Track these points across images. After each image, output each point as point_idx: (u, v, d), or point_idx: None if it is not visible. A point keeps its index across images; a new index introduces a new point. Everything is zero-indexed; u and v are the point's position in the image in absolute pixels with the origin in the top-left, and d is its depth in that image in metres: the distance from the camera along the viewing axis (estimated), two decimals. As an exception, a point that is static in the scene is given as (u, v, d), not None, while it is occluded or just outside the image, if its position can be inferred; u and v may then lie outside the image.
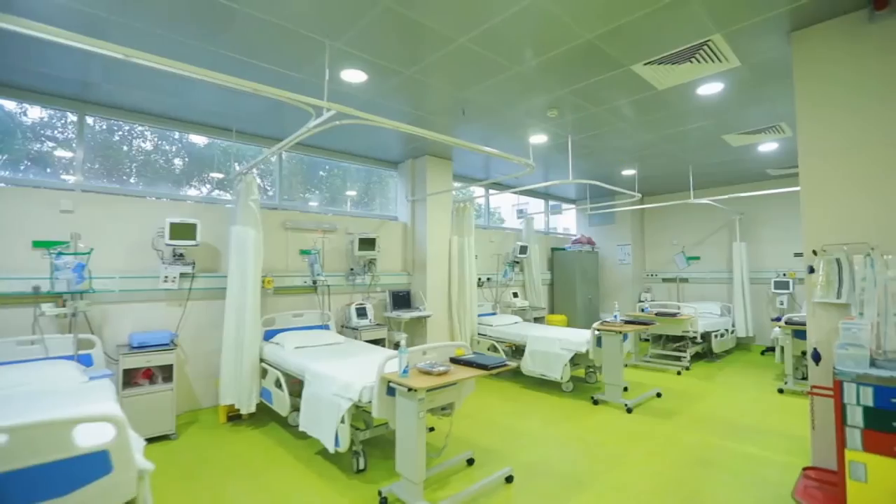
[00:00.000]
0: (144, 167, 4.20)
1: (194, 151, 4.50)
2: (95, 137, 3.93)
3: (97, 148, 3.95)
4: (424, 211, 5.58)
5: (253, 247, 3.85)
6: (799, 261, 6.80)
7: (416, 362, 2.75)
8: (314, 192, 5.40)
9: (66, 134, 3.83)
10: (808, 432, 3.35)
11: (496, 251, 6.85)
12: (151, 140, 4.24)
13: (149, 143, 4.24)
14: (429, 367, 2.61)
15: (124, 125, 4.07)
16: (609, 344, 4.37)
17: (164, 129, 4.25)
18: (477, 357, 2.88)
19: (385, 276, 5.51)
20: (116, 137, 4.06)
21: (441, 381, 2.48)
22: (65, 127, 3.84)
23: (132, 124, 4.10)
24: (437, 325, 5.56)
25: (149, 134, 4.23)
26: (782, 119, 4.35)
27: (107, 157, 4.01)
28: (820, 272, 2.54)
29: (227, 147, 4.66)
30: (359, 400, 2.70)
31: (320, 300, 4.84)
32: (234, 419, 3.94)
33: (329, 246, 5.04)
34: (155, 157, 4.26)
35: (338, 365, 3.25)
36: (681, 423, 3.85)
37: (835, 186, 2.58)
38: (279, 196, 4.93)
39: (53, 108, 3.74)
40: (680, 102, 3.87)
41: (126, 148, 4.12)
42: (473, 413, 4.18)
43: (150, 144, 4.24)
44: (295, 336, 4.06)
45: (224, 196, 4.59)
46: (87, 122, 3.86)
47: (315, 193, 5.41)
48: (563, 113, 4.10)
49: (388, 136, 4.88)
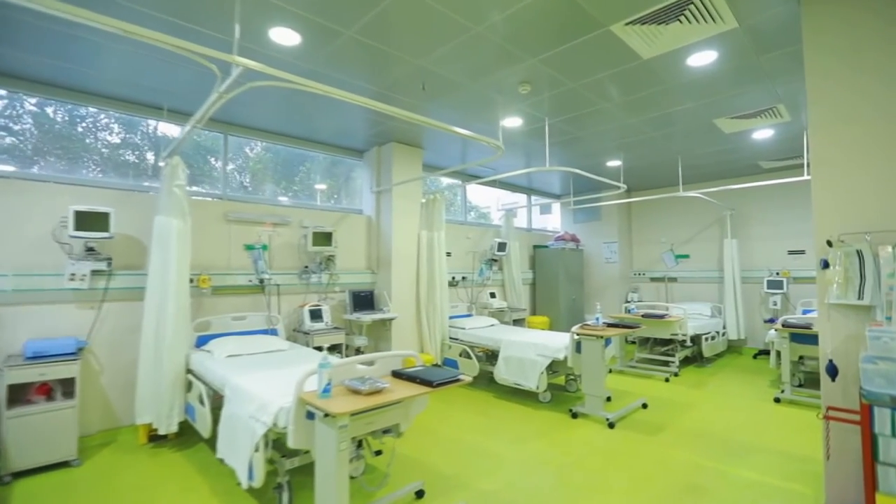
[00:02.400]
0: (62, 150, 3.63)
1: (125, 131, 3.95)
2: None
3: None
4: (390, 203, 5.07)
5: (177, 240, 3.31)
6: (793, 259, 6.41)
7: (346, 377, 2.25)
8: (283, 186, 4.87)
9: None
10: (821, 463, 2.93)
11: (472, 248, 6.36)
12: (63, 117, 3.68)
13: (64, 120, 3.68)
14: (359, 385, 2.10)
15: (24, 97, 3.51)
16: (589, 350, 3.90)
17: (77, 103, 3.68)
18: (422, 371, 2.38)
19: (346, 274, 4.99)
20: (16, 111, 3.50)
21: (369, 402, 1.98)
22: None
23: (32, 96, 3.52)
24: (404, 328, 5.06)
25: (62, 110, 3.67)
26: (781, 100, 3.91)
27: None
28: (836, 267, 2.08)
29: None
30: (274, 424, 2.19)
31: (267, 301, 4.30)
32: (157, 439, 3.40)
33: (280, 241, 4.51)
34: (76, 138, 3.70)
35: (265, 378, 2.73)
36: (669, 441, 3.39)
37: (853, 162, 2.12)
38: (223, 185, 4.39)
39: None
40: (668, 76, 3.41)
41: (30, 125, 3.55)
42: (434, 428, 3.68)
43: (65, 122, 3.68)
44: (229, 343, 3.53)
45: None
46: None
47: (283, 187, 4.88)
48: (537, 89, 3.62)
49: (351, 119, 4.37)
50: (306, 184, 5.21)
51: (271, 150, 4.99)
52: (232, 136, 4.49)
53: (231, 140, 4.52)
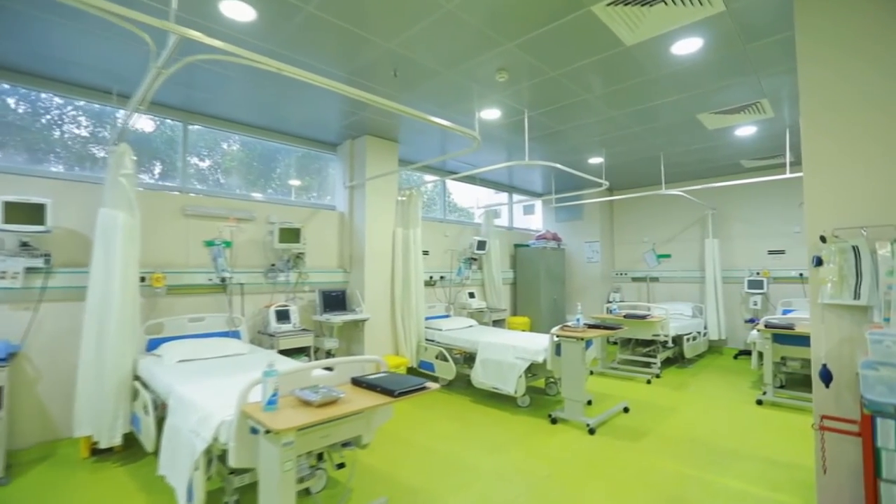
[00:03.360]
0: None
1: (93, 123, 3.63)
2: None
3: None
4: (364, 198, 4.83)
5: (124, 234, 3.02)
6: (773, 258, 6.37)
7: (299, 385, 2.02)
8: (258, 183, 4.58)
9: None
10: (808, 470, 2.79)
11: (451, 246, 6.15)
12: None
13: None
14: (310, 395, 1.88)
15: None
16: (569, 352, 3.72)
17: (15, 85, 3.36)
18: (384, 378, 2.16)
19: (316, 273, 4.73)
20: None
21: (320, 416, 1.76)
22: None
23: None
24: (378, 329, 4.82)
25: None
26: (765, 95, 3.80)
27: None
28: (830, 265, 1.93)
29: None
30: (214, 439, 1.95)
31: (229, 301, 4.02)
32: (101, 453, 3.10)
33: (245, 237, 4.24)
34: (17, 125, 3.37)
35: (213, 386, 2.47)
36: (651, 447, 3.23)
37: (847, 153, 1.98)
38: (182, 177, 4.09)
39: None
40: (652, 66, 3.26)
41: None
42: (405, 436, 3.46)
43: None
44: (182, 346, 3.26)
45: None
46: None
47: (258, 184, 4.59)
48: (515, 77, 3.43)
49: (322, 109, 4.12)
50: (281, 180, 4.93)
51: (247, 146, 4.72)
52: (193, 125, 4.19)
53: (207, 135, 4.23)
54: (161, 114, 3.98)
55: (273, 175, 4.91)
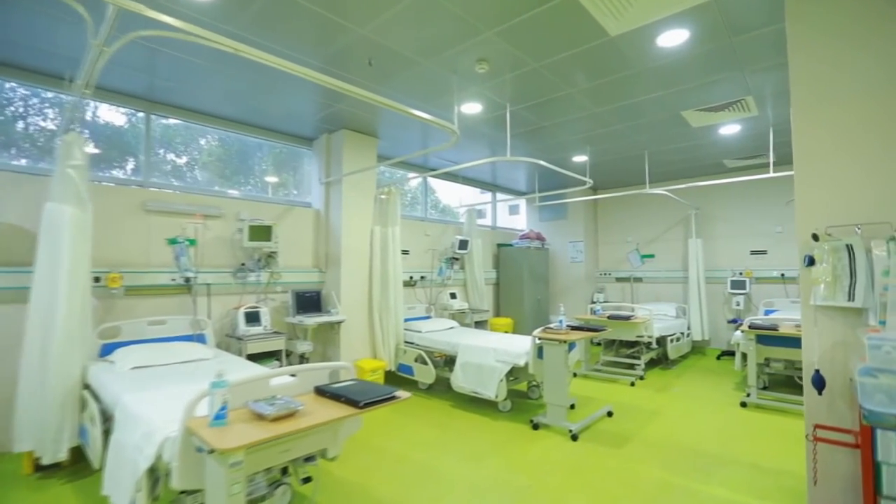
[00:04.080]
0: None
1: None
2: None
3: None
4: (340, 195, 4.64)
5: (72, 230, 2.79)
6: (755, 259, 6.36)
7: (256, 395, 1.83)
8: (233, 180, 4.35)
9: None
10: (795, 476, 2.70)
11: (432, 246, 5.99)
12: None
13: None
14: (264, 408, 1.69)
15: None
16: (552, 355, 3.59)
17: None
18: (350, 387, 1.99)
19: (290, 272, 4.52)
20: None
21: (274, 431, 1.58)
22: None
23: None
24: (354, 331, 4.64)
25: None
26: (750, 92, 3.73)
27: None
28: (823, 264, 1.83)
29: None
30: (157, 458, 1.75)
31: (194, 303, 3.79)
32: (47, 468, 2.85)
33: (212, 235, 4.01)
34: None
35: (166, 396, 2.26)
36: (635, 454, 3.12)
37: (840, 147, 1.87)
38: (145, 170, 3.85)
39: None
40: (637, 58, 3.15)
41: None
42: (379, 445, 3.29)
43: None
44: (138, 351, 3.03)
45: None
46: None
47: (235, 180, 4.36)
48: (496, 69, 3.29)
49: (295, 100, 3.92)
50: (255, 176, 4.71)
51: (219, 141, 4.50)
52: (157, 115, 3.95)
53: (183, 130, 3.99)
54: (120, 102, 3.74)
55: (245, 170, 4.68)
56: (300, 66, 2.15)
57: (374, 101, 2.57)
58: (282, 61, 2.08)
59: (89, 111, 3.70)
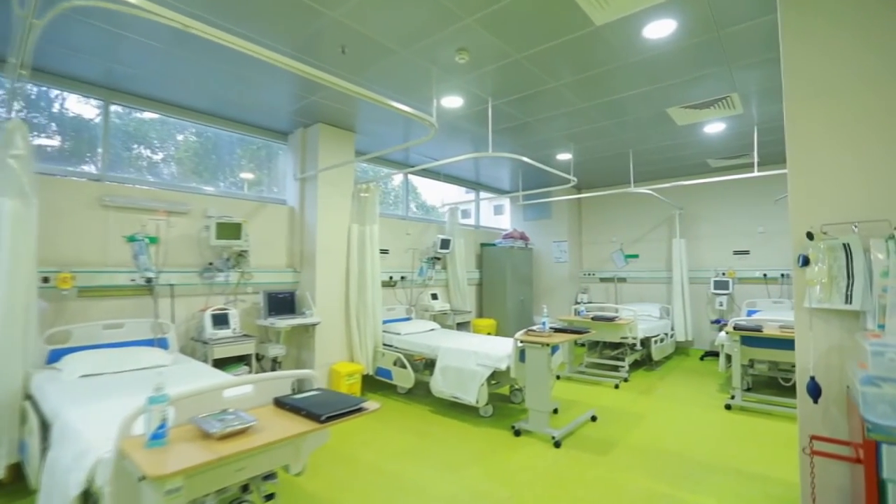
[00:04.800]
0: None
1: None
2: None
3: None
4: (315, 192, 4.44)
5: (13, 225, 2.55)
6: (738, 259, 6.35)
7: (208, 408, 1.65)
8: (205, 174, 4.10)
9: None
10: (784, 484, 2.60)
11: (413, 245, 5.82)
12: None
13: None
14: (211, 425, 1.51)
15: None
16: (534, 359, 3.46)
17: None
18: (313, 398, 1.82)
19: (263, 273, 4.31)
20: None
21: (221, 452, 1.40)
22: None
23: None
24: (330, 334, 4.44)
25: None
26: (736, 89, 3.66)
27: None
28: (819, 265, 1.72)
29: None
30: (89, 482, 1.55)
31: (155, 305, 3.55)
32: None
33: (177, 232, 3.78)
34: None
35: (112, 408, 2.05)
36: (620, 461, 3.00)
37: (836, 140, 1.77)
38: (103, 163, 3.60)
39: None
40: (623, 50, 3.03)
41: None
42: (353, 454, 3.11)
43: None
44: (89, 358, 2.80)
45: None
46: None
47: (206, 176, 4.11)
48: (477, 59, 3.14)
49: (268, 91, 3.71)
50: (225, 171, 4.47)
51: (201, 137, 4.28)
52: (116, 104, 3.70)
53: (159, 125, 3.75)
54: (75, 89, 3.48)
55: (216, 166, 4.44)
56: (263, 49, 1.97)
57: (347, 90, 2.40)
58: (240, 41, 1.89)
59: (56, 102, 3.46)
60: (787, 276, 5.90)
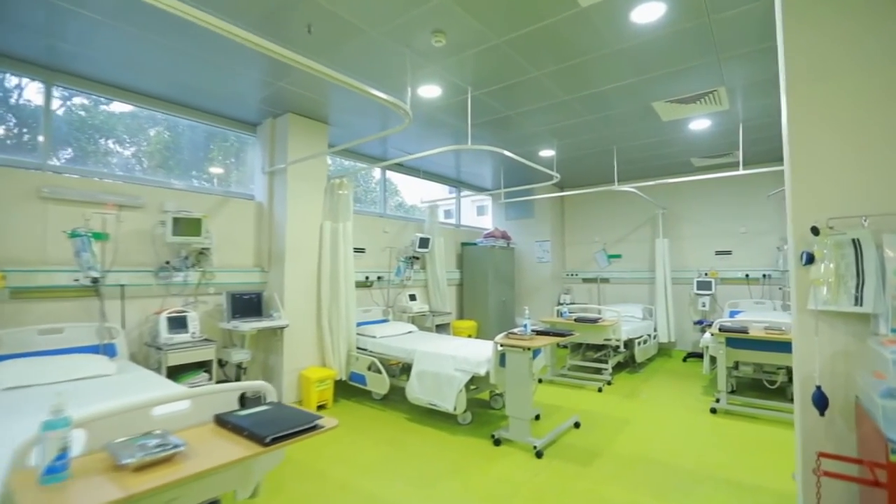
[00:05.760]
0: None
1: None
2: None
3: None
4: (285, 186, 4.17)
5: (-75, 218, 2.24)
6: (720, 259, 6.29)
7: (131, 430, 1.40)
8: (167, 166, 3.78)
9: None
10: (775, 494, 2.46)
11: (391, 244, 5.58)
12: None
13: None
14: (125, 454, 1.26)
15: None
16: (515, 364, 3.27)
17: None
18: (259, 415, 1.58)
19: (227, 272, 4.02)
20: None
21: (133, 489, 1.15)
22: None
23: None
24: (300, 337, 4.18)
25: None
26: (723, 82, 3.54)
27: None
28: (825, 263, 1.56)
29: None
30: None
31: (101, 308, 3.24)
32: None
33: (130, 228, 3.47)
34: None
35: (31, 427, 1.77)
36: (604, 472, 2.83)
37: (842, 123, 1.61)
38: (43, 151, 3.27)
39: None
40: (609, 35, 2.86)
41: None
42: (320, 468, 2.86)
43: None
44: (18, 367, 2.49)
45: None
46: None
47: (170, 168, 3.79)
48: (454, 43, 2.94)
49: (234, 77, 3.44)
50: (188, 164, 4.16)
51: (162, 126, 3.98)
52: (60, 86, 3.38)
53: (129, 118, 3.42)
54: (11, 68, 3.15)
55: (175, 156, 4.13)
56: (219, 20, 1.72)
57: (313, 70, 2.17)
58: (189, 8, 1.64)
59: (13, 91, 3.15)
60: (769, 276, 5.86)
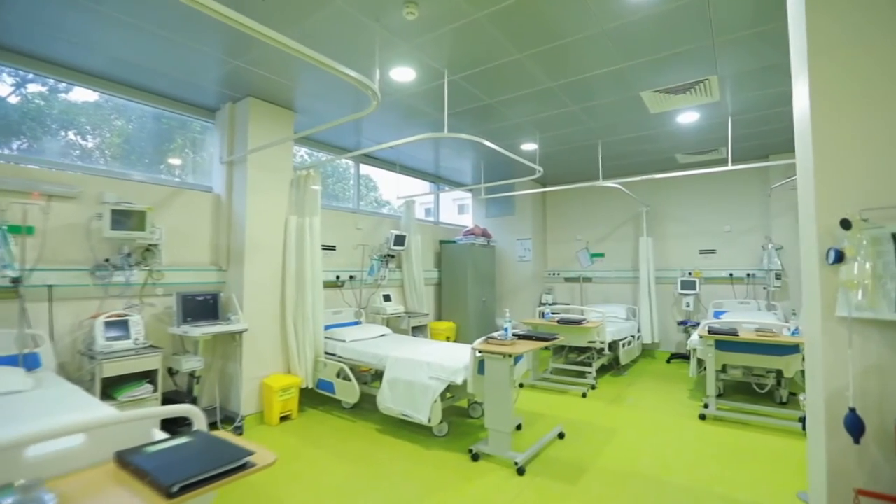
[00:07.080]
0: None
1: None
2: None
3: None
4: (245, 177, 3.80)
5: None
6: (703, 258, 6.16)
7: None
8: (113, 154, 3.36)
9: None
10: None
11: (365, 241, 5.25)
12: None
13: None
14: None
15: None
16: (494, 372, 2.99)
17: None
18: (173, 450, 1.26)
19: (179, 271, 3.63)
20: None
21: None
22: None
23: None
24: (262, 343, 3.82)
25: None
26: (715, 70, 3.33)
27: None
28: (859, 261, 1.32)
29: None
30: None
31: (22, 312, 2.83)
32: None
33: (61, 221, 3.06)
34: None
35: None
36: (591, 490, 2.58)
37: (876, 98, 1.38)
38: (-43, 132, 2.85)
39: None
40: (597, 9, 2.60)
41: None
42: (279, 494, 2.53)
43: None
44: None
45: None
46: None
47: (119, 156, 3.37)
48: (428, 17, 2.64)
49: (185, 54, 3.06)
50: (137, 153, 3.75)
51: (104, 108, 3.56)
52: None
53: (92, 108, 2.99)
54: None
55: (120, 142, 3.72)
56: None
57: (269, 40, 1.86)
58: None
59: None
60: (753, 275, 5.75)
